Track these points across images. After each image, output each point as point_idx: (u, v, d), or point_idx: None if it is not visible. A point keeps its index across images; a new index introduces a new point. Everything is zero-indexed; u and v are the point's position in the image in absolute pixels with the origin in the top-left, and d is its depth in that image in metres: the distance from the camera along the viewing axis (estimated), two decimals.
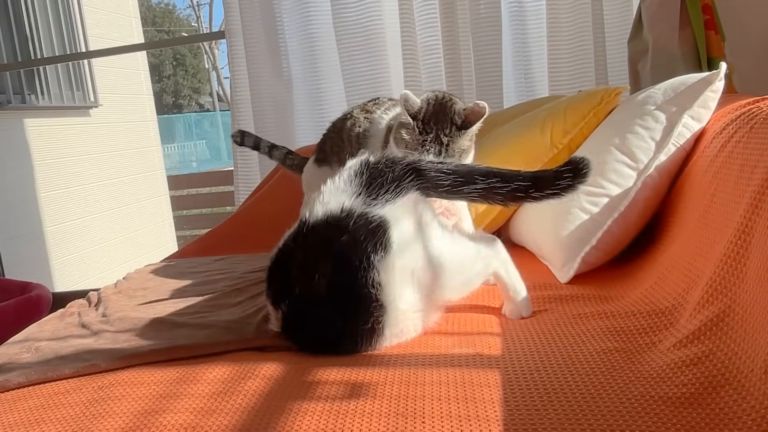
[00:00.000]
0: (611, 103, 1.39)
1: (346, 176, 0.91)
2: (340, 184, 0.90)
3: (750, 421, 0.60)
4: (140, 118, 4.51)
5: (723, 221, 0.85)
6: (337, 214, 0.86)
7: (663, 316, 0.86)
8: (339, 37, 2.21)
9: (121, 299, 1.36)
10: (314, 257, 0.86)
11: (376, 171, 0.90)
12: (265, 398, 0.77)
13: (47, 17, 3.64)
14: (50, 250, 3.50)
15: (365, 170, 0.90)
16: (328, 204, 0.88)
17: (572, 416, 0.64)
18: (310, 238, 0.88)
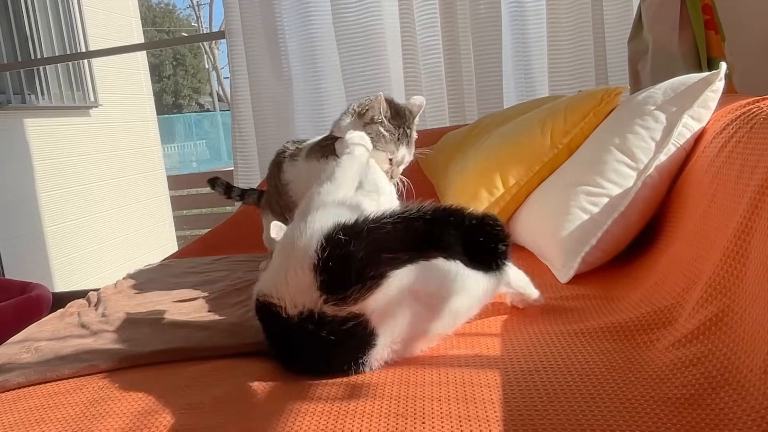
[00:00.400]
0: (611, 103, 1.39)
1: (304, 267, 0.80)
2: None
3: (750, 421, 0.60)
4: (140, 118, 4.51)
5: (723, 221, 0.85)
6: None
7: (663, 315, 0.86)
8: (339, 37, 2.21)
9: (121, 299, 1.36)
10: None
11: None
12: (265, 398, 0.77)
13: (47, 17, 3.64)
14: (50, 250, 3.50)
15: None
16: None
17: (572, 416, 0.64)
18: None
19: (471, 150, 1.61)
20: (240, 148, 2.40)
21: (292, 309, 0.79)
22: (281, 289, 0.81)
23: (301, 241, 0.82)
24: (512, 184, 1.42)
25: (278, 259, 0.87)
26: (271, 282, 0.83)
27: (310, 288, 0.77)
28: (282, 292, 0.80)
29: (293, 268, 0.80)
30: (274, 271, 0.86)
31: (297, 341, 0.81)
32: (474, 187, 1.46)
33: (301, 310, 0.78)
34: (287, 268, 0.81)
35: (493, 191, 1.43)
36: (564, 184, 1.30)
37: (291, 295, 0.79)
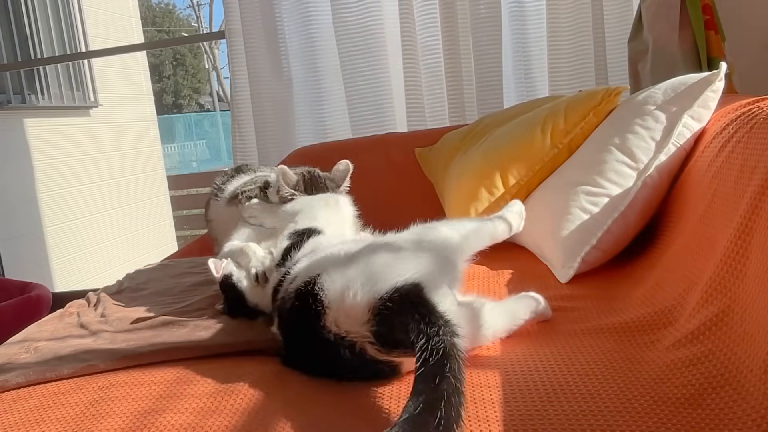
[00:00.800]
0: (611, 103, 1.39)
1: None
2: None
3: (750, 421, 0.60)
4: (140, 118, 4.51)
5: (723, 221, 0.85)
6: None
7: (663, 316, 0.86)
8: (339, 37, 2.20)
9: (121, 299, 1.36)
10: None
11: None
12: (265, 398, 0.76)
13: (47, 17, 3.64)
14: (50, 250, 3.50)
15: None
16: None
17: (572, 417, 0.64)
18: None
19: (471, 150, 1.61)
20: (240, 148, 2.40)
21: (332, 325, 0.77)
22: (334, 299, 0.78)
23: (366, 266, 0.81)
24: (512, 184, 1.42)
25: (347, 263, 0.84)
26: (330, 281, 0.80)
27: (361, 323, 0.75)
28: (333, 303, 0.78)
29: (354, 290, 0.76)
30: (339, 266, 0.83)
31: (322, 349, 0.79)
32: (474, 187, 1.46)
33: (342, 335, 0.76)
34: (348, 284, 0.78)
35: (493, 191, 1.43)
36: (564, 184, 1.30)
37: (338, 313, 0.77)
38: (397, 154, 1.94)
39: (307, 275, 0.84)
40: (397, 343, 0.73)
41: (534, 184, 1.42)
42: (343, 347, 0.76)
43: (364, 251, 0.87)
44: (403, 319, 0.71)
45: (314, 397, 0.75)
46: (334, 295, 0.78)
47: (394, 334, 0.72)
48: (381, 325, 0.73)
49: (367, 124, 2.22)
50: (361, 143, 2.06)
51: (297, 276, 0.88)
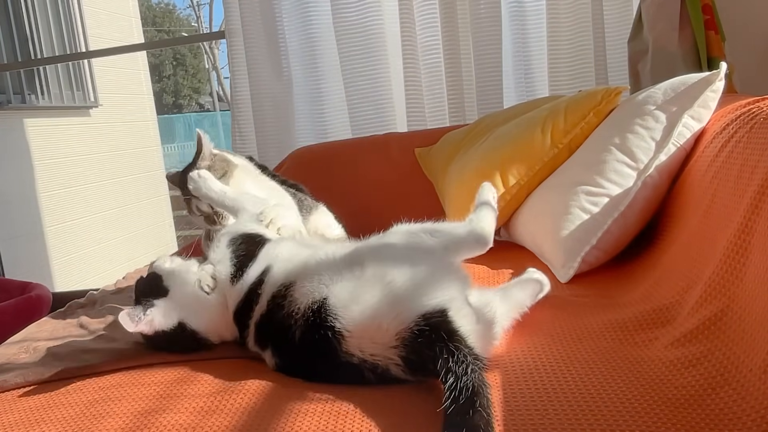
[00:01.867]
0: (611, 102, 1.39)
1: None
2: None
3: (750, 421, 0.60)
4: (140, 118, 4.51)
5: (723, 221, 0.85)
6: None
7: (662, 314, 0.86)
8: (339, 37, 2.20)
9: (121, 299, 1.36)
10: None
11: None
12: (265, 398, 0.76)
13: (47, 17, 3.64)
14: (50, 250, 3.50)
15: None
16: None
17: (572, 416, 0.64)
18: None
19: (471, 150, 1.61)
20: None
21: (355, 350, 0.77)
22: (356, 325, 0.77)
23: (386, 287, 0.79)
24: (512, 183, 1.42)
25: (358, 281, 0.82)
26: (347, 307, 0.79)
27: (387, 348, 0.75)
28: (356, 330, 0.77)
29: (380, 318, 0.76)
30: (348, 285, 0.82)
31: (338, 369, 0.78)
32: (474, 187, 1.44)
33: (365, 359, 0.76)
34: (373, 312, 0.77)
35: None
36: (564, 183, 1.30)
37: (362, 339, 0.76)
38: (397, 154, 1.93)
39: (310, 297, 0.82)
40: (423, 369, 0.73)
41: (534, 184, 1.42)
42: (366, 368, 0.76)
43: (370, 265, 0.84)
44: (431, 353, 0.71)
45: (314, 397, 0.75)
46: (355, 321, 0.77)
47: (423, 362, 0.73)
48: (410, 353, 0.74)
49: (367, 124, 2.22)
50: (361, 143, 2.05)
51: (287, 295, 0.85)
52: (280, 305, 0.85)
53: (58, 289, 3.13)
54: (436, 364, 0.69)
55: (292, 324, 0.82)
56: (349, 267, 0.85)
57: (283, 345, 0.84)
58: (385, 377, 0.76)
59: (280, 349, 0.85)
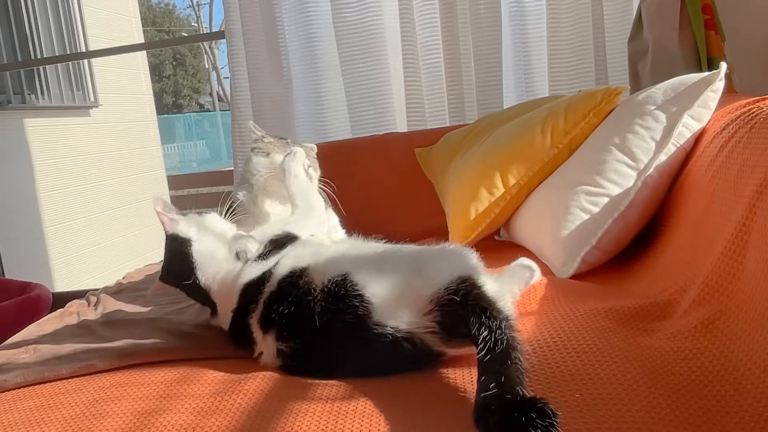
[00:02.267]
0: (611, 103, 1.39)
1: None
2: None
3: (747, 416, 0.60)
4: (140, 118, 4.51)
5: (722, 221, 0.85)
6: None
7: (659, 308, 0.86)
8: (339, 37, 2.20)
9: (121, 299, 1.36)
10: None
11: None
12: (265, 398, 0.76)
13: (47, 17, 3.64)
14: (50, 250, 3.50)
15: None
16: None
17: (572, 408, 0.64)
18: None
19: (471, 150, 1.61)
20: (240, 148, 2.39)
21: (387, 319, 0.77)
22: (385, 291, 0.79)
23: (426, 265, 0.82)
24: (512, 184, 1.42)
25: (389, 262, 0.86)
26: (370, 279, 0.80)
27: (422, 315, 0.76)
28: (384, 299, 0.78)
29: (411, 288, 0.78)
30: (369, 265, 0.84)
31: (362, 345, 0.78)
32: (474, 187, 1.46)
33: (399, 327, 0.76)
34: (405, 282, 0.80)
35: (494, 191, 1.43)
36: (564, 183, 1.30)
37: (394, 306, 0.77)
38: (397, 154, 1.94)
39: (327, 274, 0.82)
40: (458, 332, 0.75)
41: (534, 184, 1.42)
42: (402, 338, 0.76)
43: (383, 252, 0.89)
44: (465, 313, 0.73)
45: (314, 397, 0.75)
46: (384, 291, 0.79)
47: (457, 324, 0.74)
48: (445, 317, 0.75)
49: (367, 124, 2.22)
50: (361, 143, 2.06)
51: (302, 275, 0.85)
52: (294, 284, 0.85)
53: (58, 289, 3.13)
54: (470, 324, 0.71)
55: (311, 300, 0.81)
56: (367, 250, 0.90)
57: (297, 326, 0.82)
58: (421, 350, 0.76)
59: (292, 331, 0.83)
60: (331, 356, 0.81)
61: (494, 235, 1.59)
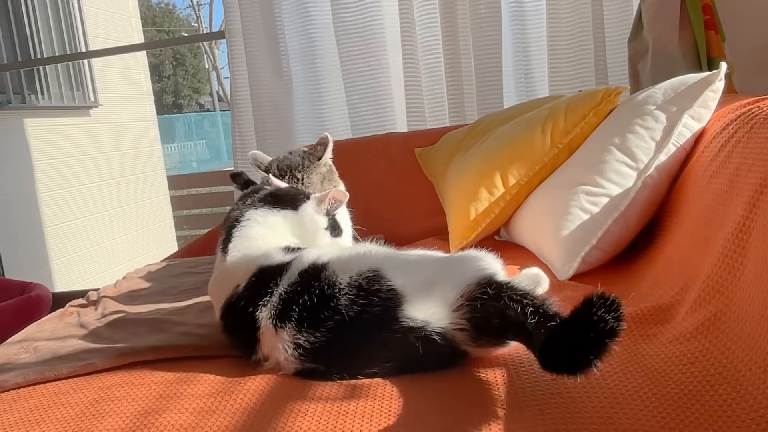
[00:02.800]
0: (611, 102, 1.39)
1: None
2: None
3: (749, 420, 0.60)
4: (140, 118, 4.51)
5: (722, 221, 0.85)
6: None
7: (660, 312, 0.86)
8: (339, 37, 2.21)
9: (121, 299, 1.36)
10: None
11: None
12: (265, 398, 0.76)
13: (47, 17, 3.64)
14: (50, 250, 3.49)
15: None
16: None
17: (572, 413, 0.64)
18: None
19: (471, 150, 1.61)
20: (240, 148, 2.40)
21: (418, 312, 0.76)
22: (416, 285, 0.79)
23: (455, 265, 0.84)
24: (512, 183, 1.42)
25: (417, 261, 0.87)
26: (401, 275, 0.80)
27: (452, 311, 0.76)
28: (415, 290, 0.78)
29: (441, 283, 0.79)
30: (397, 263, 0.84)
31: (395, 338, 0.76)
32: (474, 187, 1.46)
33: (430, 320, 0.76)
34: (434, 277, 0.81)
35: (493, 191, 1.43)
36: (564, 183, 1.30)
37: (424, 300, 0.78)
38: (397, 154, 1.93)
39: (355, 269, 0.82)
40: (489, 329, 0.76)
41: (534, 183, 1.42)
42: (425, 336, 0.75)
43: (412, 253, 0.90)
44: (499, 302, 0.74)
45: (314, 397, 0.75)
46: (414, 285, 0.79)
47: (489, 318, 0.75)
48: (475, 311, 0.76)
49: (367, 124, 2.22)
50: (361, 143, 2.06)
51: (323, 269, 0.83)
52: (315, 275, 0.83)
53: (58, 289, 3.13)
54: (510, 310, 0.72)
55: (336, 292, 0.80)
56: (391, 251, 0.90)
57: (320, 317, 0.79)
58: (449, 348, 0.76)
59: (314, 322, 0.79)
60: (355, 350, 0.79)
61: (494, 235, 1.59)
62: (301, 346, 0.80)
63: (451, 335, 0.76)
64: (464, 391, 0.72)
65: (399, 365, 0.78)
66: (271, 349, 0.83)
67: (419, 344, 0.75)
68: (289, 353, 0.81)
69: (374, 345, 0.78)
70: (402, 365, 0.78)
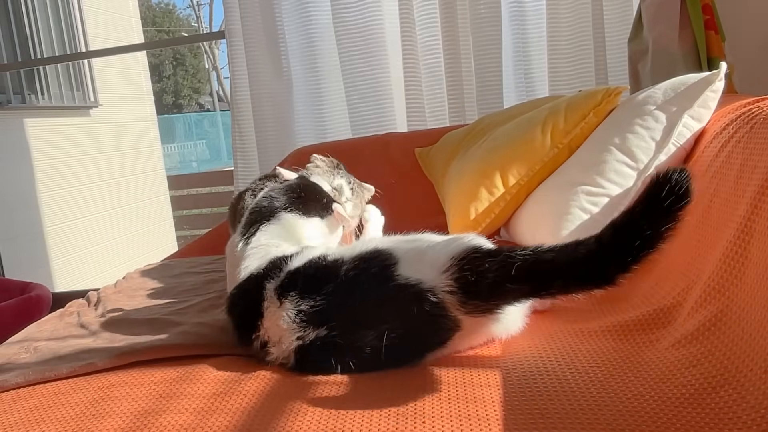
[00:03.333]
0: (611, 102, 1.39)
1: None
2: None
3: (750, 420, 0.60)
4: (140, 118, 4.51)
5: (723, 221, 0.85)
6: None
7: (662, 315, 0.86)
8: (339, 37, 2.21)
9: (121, 299, 1.36)
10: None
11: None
12: (265, 398, 0.77)
13: (47, 17, 3.64)
14: (50, 250, 3.50)
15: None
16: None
17: (572, 416, 0.64)
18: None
19: (471, 150, 1.61)
20: (240, 148, 2.40)
21: (411, 271, 0.80)
22: (409, 254, 0.83)
23: (447, 239, 0.88)
24: (512, 183, 1.42)
25: (411, 240, 0.90)
26: (396, 246, 0.86)
27: (441, 271, 0.79)
28: (408, 257, 0.83)
29: (433, 249, 0.84)
30: (393, 241, 0.89)
31: (389, 296, 0.80)
32: (474, 186, 1.46)
33: (421, 279, 0.79)
34: (428, 246, 0.85)
35: (494, 191, 1.43)
36: (564, 183, 1.30)
37: (417, 262, 0.82)
38: (397, 154, 1.93)
39: (356, 250, 0.87)
40: (477, 290, 0.77)
41: (534, 183, 1.42)
42: (416, 297, 0.78)
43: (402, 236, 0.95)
44: (484, 263, 0.77)
45: (314, 397, 0.75)
46: (409, 251, 0.84)
47: (479, 279, 0.77)
48: (465, 271, 0.78)
49: (367, 124, 2.22)
50: (361, 143, 2.06)
51: (328, 255, 0.89)
52: (323, 258, 0.89)
53: (58, 289, 3.13)
54: (494, 282, 0.76)
55: (339, 267, 0.85)
56: (388, 238, 0.95)
57: (321, 283, 0.84)
58: (439, 310, 0.78)
59: (315, 287, 0.84)
60: (353, 311, 0.82)
61: (494, 235, 1.58)
62: (303, 311, 0.83)
63: (441, 296, 0.78)
64: (464, 392, 0.72)
65: (396, 328, 0.79)
66: (273, 324, 0.85)
67: (413, 304, 0.78)
68: (291, 319, 0.83)
69: (371, 304, 0.81)
70: (399, 328, 0.79)
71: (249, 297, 0.90)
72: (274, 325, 0.85)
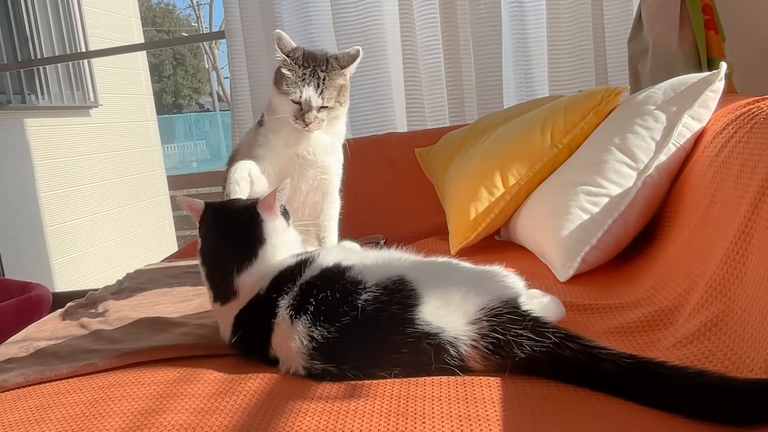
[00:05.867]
0: (611, 102, 1.39)
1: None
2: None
3: None
4: (140, 118, 4.51)
5: (723, 221, 0.85)
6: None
7: (663, 316, 0.86)
8: (339, 37, 2.20)
9: (121, 299, 1.36)
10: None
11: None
12: (265, 398, 0.76)
13: (47, 17, 3.64)
14: (50, 250, 3.49)
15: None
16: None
17: (573, 415, 0.64)
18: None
19: (471, 150, 1.61)
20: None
21: (432, 317, 0.76)
22: (436, 291, 0.79)
23: (481, 279, 0.83)
24: (512, 183, 1.42)
25: (441, 270, 0.86)
26: (424, 280, 0.80)
27: (467, 324, 0.76)
28: (433, 295, 0.78)
29: (462, 293, 0.79)
30: (422, 270, 0.84)
31: (405, 337, 0.76)
32: (474, 186, 1.46)
33: (443, 327, 0.75)
34: (456, 287, 0.80)
35: (494, 191, 1.43)
36: (564, 183, 1.30)
37: (442, 306, 0.77)
38: (397, 154, 1.94)
39: (380, 274, 0.82)
40: (502, 350, 0.74)
41: (534, 183, 1.42)
42: (435, 348, 0.75)
43: (440, 262, 0.89)
44: (519, 329, 0.73)
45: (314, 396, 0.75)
46: (434, 291, 0.78)
47: (506, 341, 0.73)
48: (492, 330, 0.74)
49: (367, 124, 2.22)
50: (361, 143, 2.06)
51: (347, 270, 0.84)
52: (340, 273, 0.84)
53: (58, 289, 3.12)
54: (520, 343, 0.72)
55: (359, 291, 0.80)
56: (413, 259, 0.89)
57: (337, 312, 0.80)
58: (457, 361, 0.75)
59: (331, 316, 0.80)
60: (368, 350, 0.79)
61: (494, 235, 1.59)
62: (314, 340, 0.79)
63: (463, 350, 0.75)
64: (464, 392, 0.72)
65: (407, 370, 0.77)
66: (283, 343, 0.83)
67: (431, 353, 0.75)
68: (302, 345, 0.80)
69: (387, 348, 0.77)
70: (410, 370, 0.77)
71: (259, 311, 0.88)
72: (283, 341, 0.83)
